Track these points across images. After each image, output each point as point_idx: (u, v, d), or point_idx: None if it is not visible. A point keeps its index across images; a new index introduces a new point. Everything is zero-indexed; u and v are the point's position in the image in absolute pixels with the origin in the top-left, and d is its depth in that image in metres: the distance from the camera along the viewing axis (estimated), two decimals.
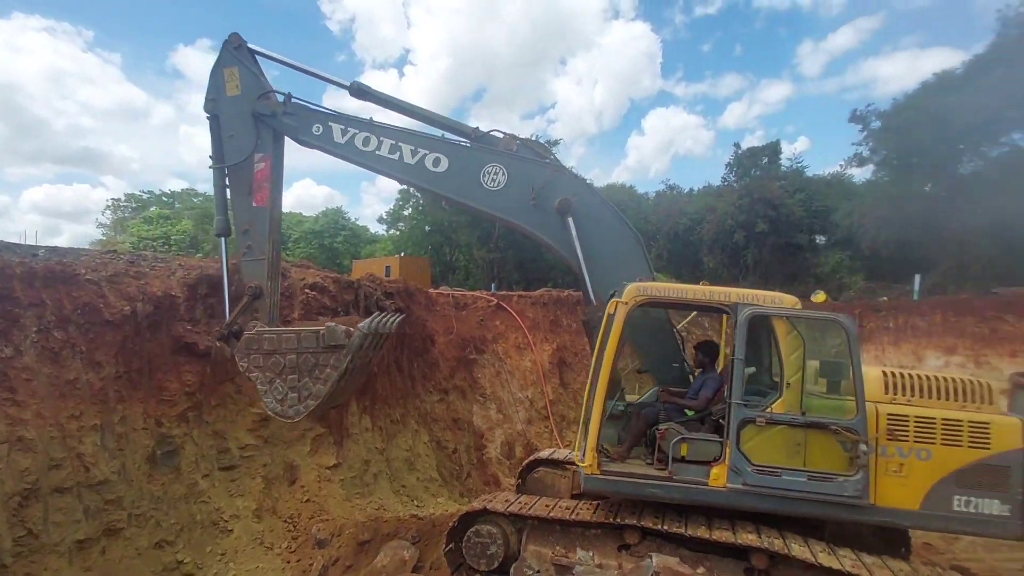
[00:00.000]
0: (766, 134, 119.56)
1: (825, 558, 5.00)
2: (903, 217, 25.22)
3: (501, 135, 6.86)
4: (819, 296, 24.33)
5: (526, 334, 13.25)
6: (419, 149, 6.62)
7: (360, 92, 6.97)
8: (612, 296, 5.69)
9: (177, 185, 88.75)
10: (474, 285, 31.93)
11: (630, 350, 8.13)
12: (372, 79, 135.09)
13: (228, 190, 6.90)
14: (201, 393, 7.76)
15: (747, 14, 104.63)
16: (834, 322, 5.44)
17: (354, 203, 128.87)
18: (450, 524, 6.18)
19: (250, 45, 6.93)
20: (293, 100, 6.83)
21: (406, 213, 41.48)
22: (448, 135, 7.00)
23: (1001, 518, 5.06)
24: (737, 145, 32.28)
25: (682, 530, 5.36)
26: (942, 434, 5.14)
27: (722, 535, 5.27)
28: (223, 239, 7.02)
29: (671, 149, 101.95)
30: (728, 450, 5.22)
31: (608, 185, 35.92)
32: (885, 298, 23.52)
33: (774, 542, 5.17)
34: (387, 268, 27.60)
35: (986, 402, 5.31)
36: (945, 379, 5.43)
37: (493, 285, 30.14)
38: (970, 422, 5.13)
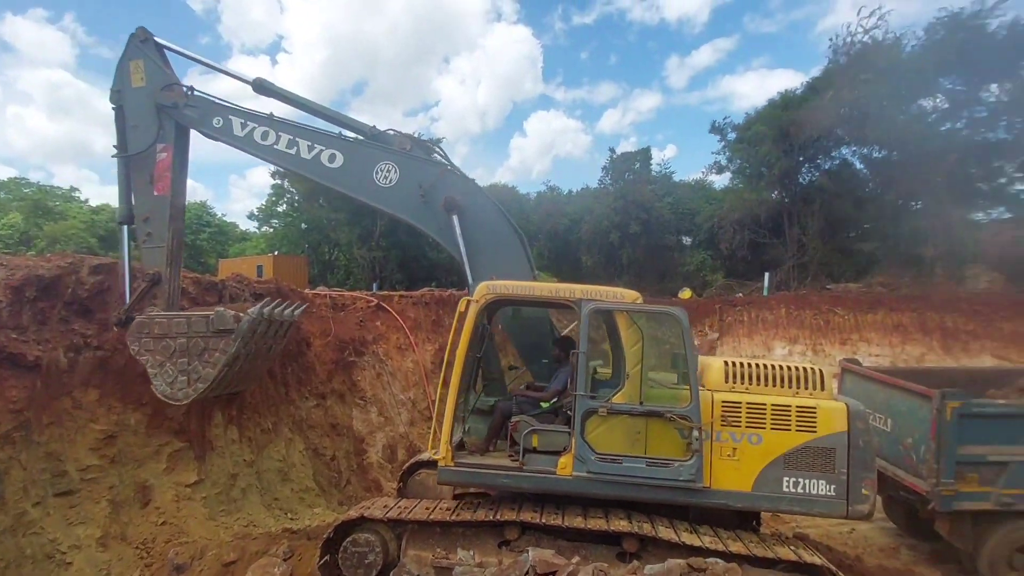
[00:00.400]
0: (639, 140, 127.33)
1: (688, 537, 5.36)
2: (755, 221, 27.89)
3: (395, 134, 7.07)
4: (685, 293, 26.24)
5: (408, 334, 13.01)
6: (315, 145, 6.88)
7: (262, 88, 7.24)
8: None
9: (3, 173, 77.32)
10: (355, 285, 30.89)
11: (512, 348, 8.30)
12: (240, 64, 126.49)
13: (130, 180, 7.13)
14: (30, 410, 6.78)
15: (621, 26, 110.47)
16: (668, 315, 5.74)
17: (221, 197, 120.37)
18: (325, 535, 5.91)
19: (157, 39, 7.18)
20: (195, 93, 7.06)
21: (280, 209, 39.22)
22: (345, 133, 7.27)
23: (827, 498, 5.42)
24: (612, 150, 34.11)
25: (559, 522, 5.51)
26: (772, 419, 5.48)
27: (596, 523, 5.48)
28: (125, 227, 7.26)
29: (552, 151, 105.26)
30: (574, 440, 5.44)
31: (491, 185, 36.30)
32: (740, 294, 25.87)
33: (643, 526, 5.47)
34: (259, 268, 25.99)
35: (818, 388, 5.68)
36: (781, 367, 5.81)
37: (375, 285, 29.34)
38: (798, 407, 5.49)
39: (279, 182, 36.36)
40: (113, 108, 7.19)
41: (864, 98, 22.03)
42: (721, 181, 33.41)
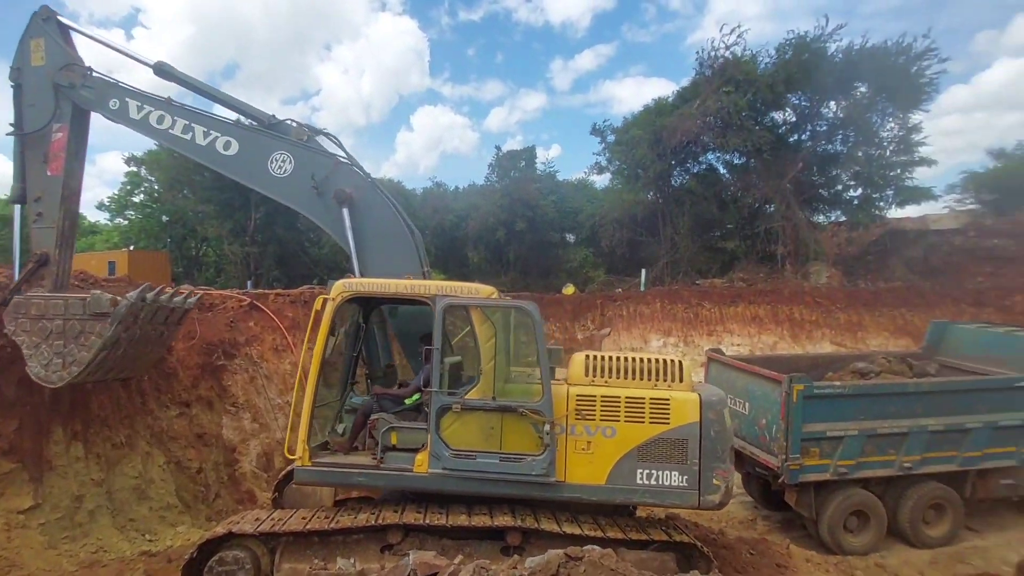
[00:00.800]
0: (525, 139, 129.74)
1: (569, 527, 5.50)
2: (632, 220, 29.41)
3: (294, 124, 7.16)
4: (569, 288, 27.10)
5: (285, 335, 12.30)
6: (211, 131, 6.91)
7: (163, 72, 7.22)
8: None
9: None
10: (227, 283, 28.77)
11: (398, 346, 8.13)
12: None
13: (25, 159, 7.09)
14: None
15: (507, 26, 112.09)
16: (520, 309, 5.81)
17: None
18: (187, 556, 5.44)
19: (60, 18, 7.20)
20: (93, 74, 7.04)
21: (136, 200, 35.60)
22: (244, 120, 7.35)
23: (679, 488, 5.50)
24: (498, 148, 34.34)
25: (443, 521, 5.45)
26: (626, 412, 5.54)
27: (480, 520, 5.48)
28: (18, 207, 7.25)
29: (439, 147, 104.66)
30: (430, 437, 5.46)
31: (376, 180, 35.23)
32: (620, 289, 27.18)
33: (526, 519, 5.54)
34: (111, 264, 23.45)
35: (676, 380, 5.77)
36: (641, 360, 5.90)
37: (249, 283, 27.53)
38: (651, 399, 5.56)
39: (135, 169, 33.00)
40: (12, 86, 7.17)
41: (726, 108, 23.91)
42: (602, 181, 34.89)
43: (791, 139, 27.02)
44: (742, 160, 27.85)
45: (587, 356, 5.98)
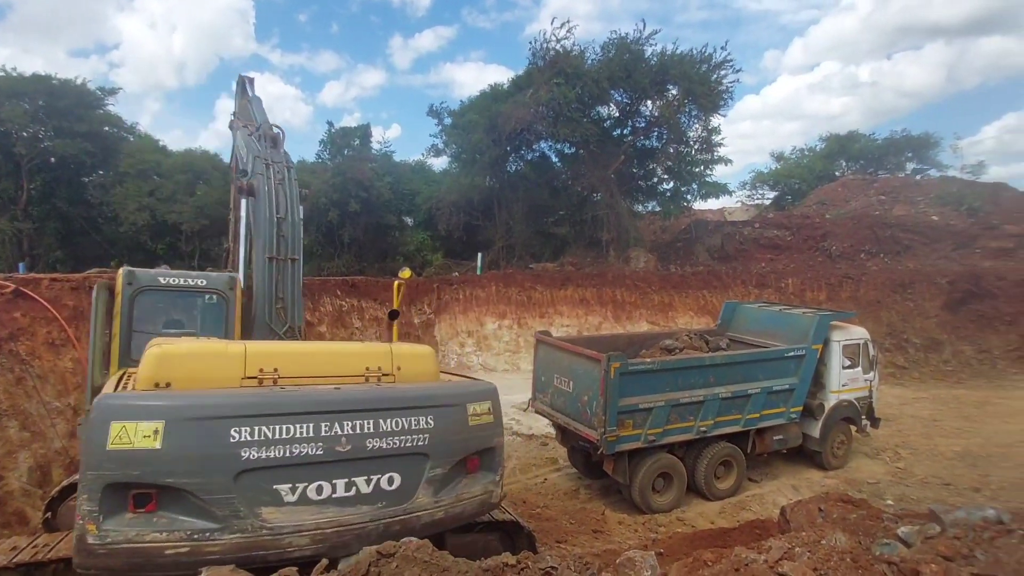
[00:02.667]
0: (363, 116, 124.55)
1: None
2: (469, 204, 29.65)
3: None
4: (405, 272, 26.51)
5: (64, 327, 10.52)
6: None
7: None
8: None
9: None
10: None
11: None
12: None
13: None
14: None
15: None
16: None
17: None
18: None
19: None
20: None
21: None
22: None
23: None
24: (331, 123, 32.55)
25: None
26: None
27: None
28: None
29: (268, 118, 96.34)
30: None
31: (187, 151, 31.43)
32: (457, 273, 27.34)
33: None
34: None
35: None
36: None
37: (22, 265, 23.21)
38: None
39: None
40: None
41: (556, 99, 24.94)
42: (440, 164, 34.66)
43: (615, 133, 29.01)
44: (572, 150, 29.32)
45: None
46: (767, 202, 46.16)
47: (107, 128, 28.76)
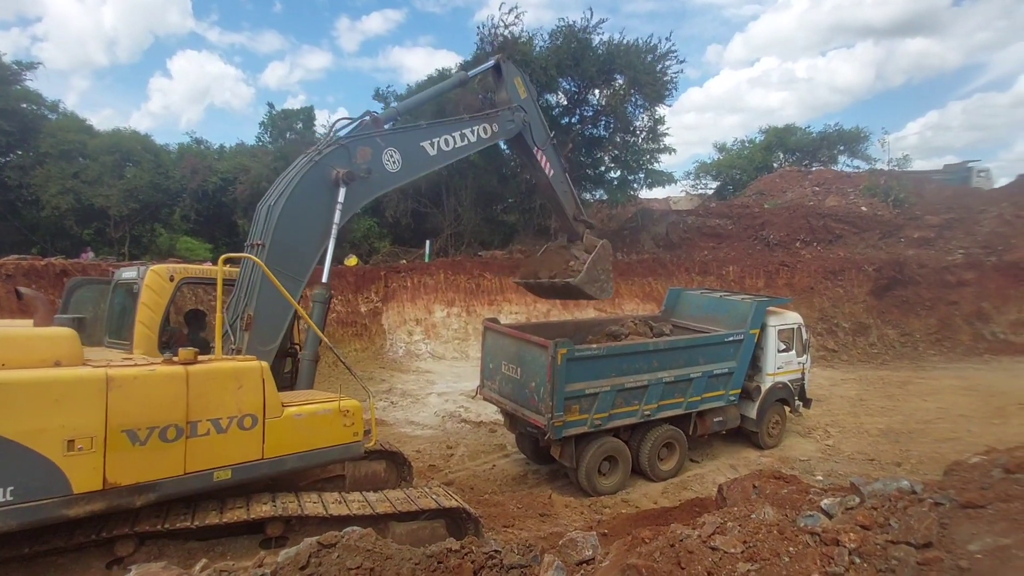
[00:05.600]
0: (308, 99, 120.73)
1: (336, 508, 5.29)
2: (417, 191, 29.29)
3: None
4: (351, 260, 26.09)
5: None
6: None
7: None
8: None
9: None
10: None
11: None
12: None
13: None
14: None
15: None
16: None
17: None
18: None
19: None
20: None
21: None
22: None
23: None
24: (271, 105, 31.43)
25: (188, 523, 4.83)
26: None
27: (234, 515, 4.98)
28: None
29: (206, 99, 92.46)
30: None
31: (115, 130, 29.59)
32: (404, 260, 27.01)
33: (288, 507, 5.18)
34: None
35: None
36: None
37: None
38: None
39: None
40: None
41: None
42: None
43: (563, 121, 29.16)
44: None
45: None
46: (710, 191, 47.58)
47: (25, 105, 26.91)
